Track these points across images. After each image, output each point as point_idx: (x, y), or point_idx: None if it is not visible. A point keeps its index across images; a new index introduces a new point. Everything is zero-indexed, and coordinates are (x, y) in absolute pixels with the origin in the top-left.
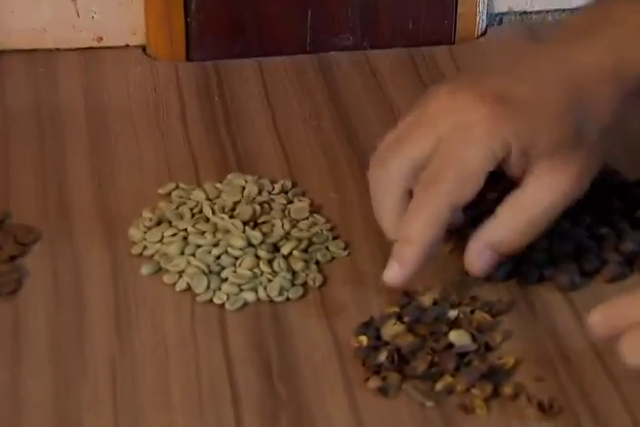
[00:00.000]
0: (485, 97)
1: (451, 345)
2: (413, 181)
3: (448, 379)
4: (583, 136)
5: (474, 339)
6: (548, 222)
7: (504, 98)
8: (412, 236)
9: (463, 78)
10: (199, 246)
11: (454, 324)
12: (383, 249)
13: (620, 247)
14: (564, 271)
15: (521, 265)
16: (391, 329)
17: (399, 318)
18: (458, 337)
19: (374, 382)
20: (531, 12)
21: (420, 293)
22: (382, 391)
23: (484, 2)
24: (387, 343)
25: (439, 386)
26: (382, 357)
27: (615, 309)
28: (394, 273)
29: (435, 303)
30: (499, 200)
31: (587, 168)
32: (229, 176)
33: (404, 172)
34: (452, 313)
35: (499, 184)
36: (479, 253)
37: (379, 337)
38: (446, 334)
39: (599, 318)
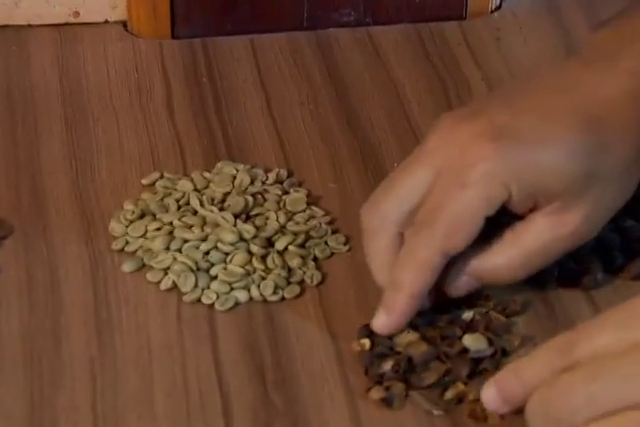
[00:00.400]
0: (485, 133)
1: (465, 350)
2: (407, 224)
3: (460, 386)
4: (599, 175)
5: (490, 343)
6: (545, 261)
7: (506, 134)
8: (402, 283)
9: (468, 107)
10: (186, 241)
11: (469, 327)
12: None
13: None
14: (586, 270)
15: None
16: (404, 338)
17: (410, 322)
18: (473, 341)
19: (377, 393)
20: None
21: None
22: (386, 402)
23: None
24: (397, 353)
25: (449, 394)
26: (387, 366)
27: (509, 380)
28: (382, 322)
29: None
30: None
31: (599, 210)
32: (219, 165)
33: (397, 214)
34: (467, 315)
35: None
36: (465, 277)
37: (387, 345)
38: (460, 338)
39: (493, 393)
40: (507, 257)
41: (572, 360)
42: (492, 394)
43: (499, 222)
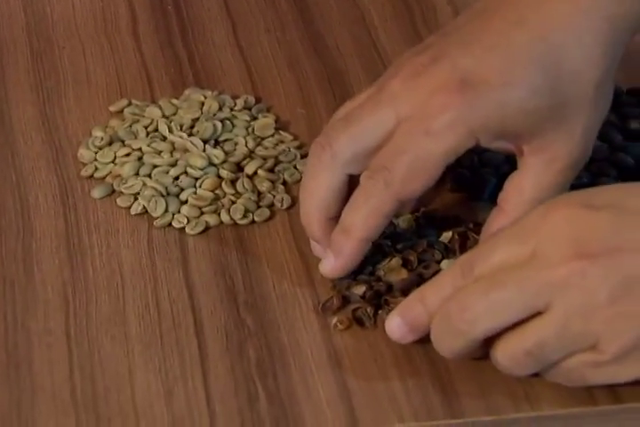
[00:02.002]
0: (450, 81)
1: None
2: (358, 167)
3: None
4: (569, 103)
5: None
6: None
7: (471, 81)
8: (352, 227)
9: (427, 48)
10: (155, 167)
11: (448, 250)
12: None
13: (613, 161)
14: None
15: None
16: (386, 264)
17: (389, 246)
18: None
19: (345, 314)
20: None
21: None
22: (357, 322)
23: None
24: (378, 278)
25: None
26: (358, 291)
27: (413, 307)
28: (330, 265)
29: (418, 226)
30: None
31: (582, 134)
32: (187, 92)
33: (349, 155)
34: (446, 235)
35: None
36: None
37: (367, 270)
38: (439, 262)
39: (397, 322)
40: (515, 211)
41: (473, 278)
42: (395, 324)
43: None
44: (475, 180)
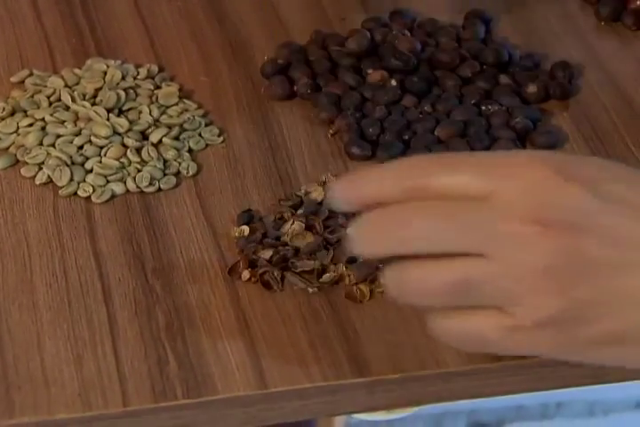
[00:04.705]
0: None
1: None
2: None
3: (340, 269)
4: None
5: None
6: None
7: None
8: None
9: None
10: (59, 136)
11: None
12: (259, 135)
13: (510, 123)
14: (455, 151)
15: (409, 147)
16: (289, 229)
17: (293, 214)
18: None
19: (251, 275)
20: None
21: (307, 190)
22: (264, 284)
23: None
24: (284, 243)
25: (325, 277)
26: (265, 255)
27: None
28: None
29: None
30: None
31: None
32: (89, 61)
33: None
34: None
35: None
36: None
37: (265, 234)
38: (344, 226)
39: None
40: None
41: (423, 191)
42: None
43: None
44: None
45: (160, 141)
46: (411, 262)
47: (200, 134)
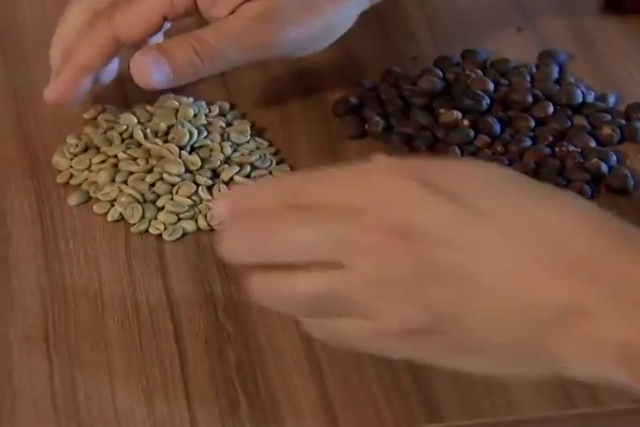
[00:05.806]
0: None
1: None
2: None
3: None
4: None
5: None
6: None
7: None
8: (74, 56)
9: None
10: (131, 173)
11: None
12: None
13: (585, 165)
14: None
15: None
16: None
17: None
18: None
19: None
20: None
21: None
22: None
23: None
24: None
25: None
26: None
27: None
28: (49, 87)
29: None
30: None
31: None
32: (161, 98)
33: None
34: None
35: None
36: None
37: None
38: None
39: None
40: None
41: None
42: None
43: None
44: None
45: (231, 179)
46: (274, 270)
47: (271, 172)
